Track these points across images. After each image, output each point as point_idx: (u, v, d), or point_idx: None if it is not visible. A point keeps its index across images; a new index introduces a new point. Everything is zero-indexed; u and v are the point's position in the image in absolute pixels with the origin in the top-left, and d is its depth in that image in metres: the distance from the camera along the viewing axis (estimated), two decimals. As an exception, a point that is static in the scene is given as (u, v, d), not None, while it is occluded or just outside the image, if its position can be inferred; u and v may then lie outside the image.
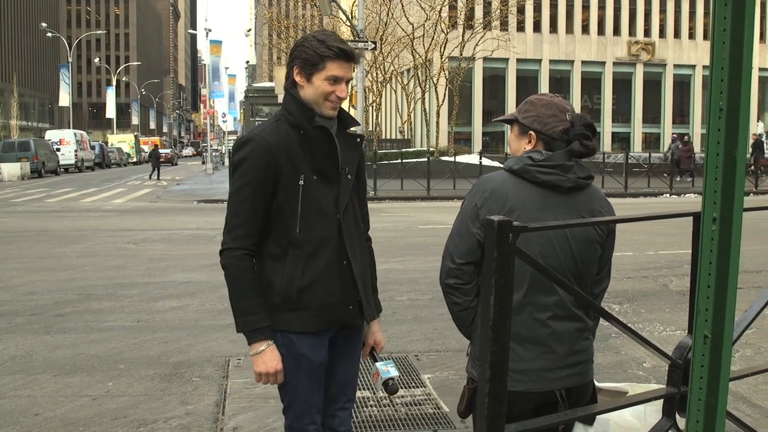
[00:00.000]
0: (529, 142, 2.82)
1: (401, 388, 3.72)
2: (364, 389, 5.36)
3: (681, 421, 2.12)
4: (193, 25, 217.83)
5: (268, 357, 2.83)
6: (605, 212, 2.82)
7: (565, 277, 2.68)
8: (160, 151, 50.75)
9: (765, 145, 39.09)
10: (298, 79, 2.84)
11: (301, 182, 2.81)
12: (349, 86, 2.94)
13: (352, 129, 3.07)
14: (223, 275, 2.88)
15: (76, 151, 51.86)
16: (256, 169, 2.79)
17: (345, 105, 3.13)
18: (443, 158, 33.95)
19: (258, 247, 2.87)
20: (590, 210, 2.78)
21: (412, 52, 41.45)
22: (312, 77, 2.81)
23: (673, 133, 48.98)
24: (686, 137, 35.77)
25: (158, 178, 40.06)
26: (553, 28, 56.08)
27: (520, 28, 53.61)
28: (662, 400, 2.20)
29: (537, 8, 54.53)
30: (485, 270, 1.96)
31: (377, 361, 3.08)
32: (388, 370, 3.00)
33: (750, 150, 35.31)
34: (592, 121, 2.81)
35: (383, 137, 53.79)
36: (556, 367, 2.74)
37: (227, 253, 2.84)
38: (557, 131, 2.76)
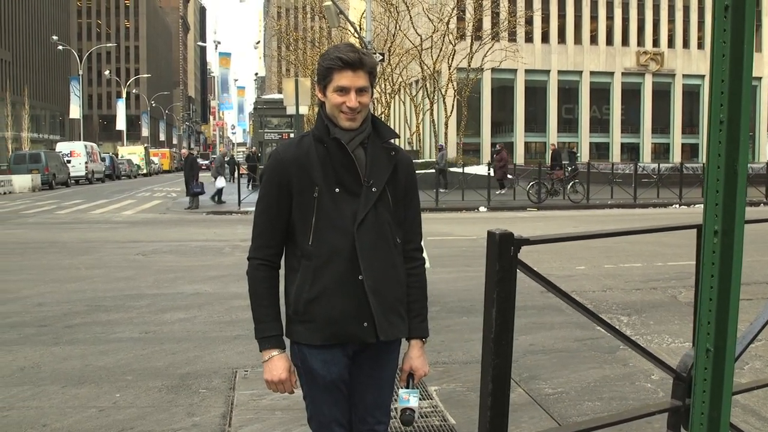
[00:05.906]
0: None
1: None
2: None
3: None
4: (203, 38, 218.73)
5: (274, 366, 2.85)
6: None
7: None
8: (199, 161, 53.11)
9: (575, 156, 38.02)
10: (319, 95, 2.90)
11: (316, 194, 2.81)
12: (372, 95, 2.92)
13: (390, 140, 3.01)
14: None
15: (86, 162, 52.19)
16: (271, 183, 2.86)
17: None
18: (452, 169, 33.85)
19: (279, 258, 2.93)
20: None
21: (421, 63, 41.53)
22: (326, 91, 2.84)
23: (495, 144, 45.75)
24: (498, 146, 33.53)
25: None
26: (562, 38, 56.15)
27: (529, 38, 53.75)
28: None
29: (545, 19, 54.63)
30: (487, 283, 1.95)
31: (407, 387, 2.94)
32: (408, 398, 2.87)
33: (551, 162, 32.12)
34: None
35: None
36: None
37: (249, 263, 2.93)
38: None
